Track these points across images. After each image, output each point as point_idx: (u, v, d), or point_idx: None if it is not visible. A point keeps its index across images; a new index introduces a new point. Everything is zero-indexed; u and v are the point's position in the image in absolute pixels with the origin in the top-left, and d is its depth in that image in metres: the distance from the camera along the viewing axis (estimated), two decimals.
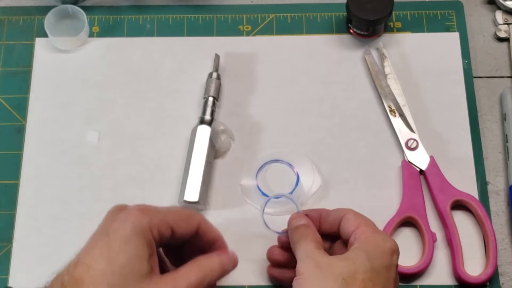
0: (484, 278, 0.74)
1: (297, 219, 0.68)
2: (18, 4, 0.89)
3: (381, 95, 0.83)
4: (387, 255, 0.62)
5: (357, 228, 0.64)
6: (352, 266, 0.59)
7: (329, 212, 0.68)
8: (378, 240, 0.62)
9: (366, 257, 0.60)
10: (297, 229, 0.67)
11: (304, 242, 0.64)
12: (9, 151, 0.81)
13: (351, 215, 0.66)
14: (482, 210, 0.76)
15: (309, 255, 0.62)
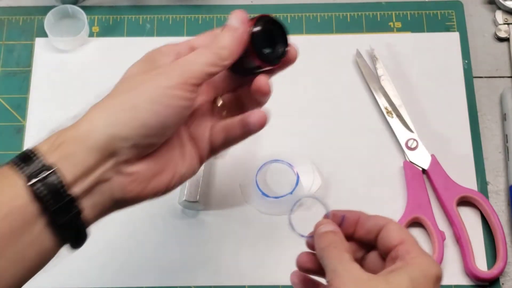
0: (497, 273, 0.74)
1: (325, 225, 0.59)
2: (18, 4, 0.89)
3: (376, 96, 0.83)
4: (431, 283, 0.54)
5: (401, 244, 0.56)
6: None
7: (369, 218, 0.59)
8: (424, 265, 0.54)
9: (410, 283, 0.52)
10: (325, 236, 0.58)
11: (334, 251, 0.56)
12: (9, 151, 0.81)
13: (395, 227, 0.57)
14: (488, 205, 0.77)
15: (345, 267, 0.53)
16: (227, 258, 0.76)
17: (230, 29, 0.56)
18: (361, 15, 0.88)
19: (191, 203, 0.76)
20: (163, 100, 0.52)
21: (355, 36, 0.87)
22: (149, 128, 0.52)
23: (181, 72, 0.53)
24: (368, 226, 0.58)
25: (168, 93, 0.52)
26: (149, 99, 0.52)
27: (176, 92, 0.53)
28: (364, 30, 0.87)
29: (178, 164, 0.57)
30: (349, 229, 0.58)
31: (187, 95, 0.53)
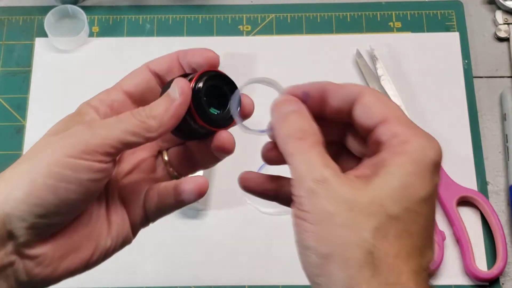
0: (497, 273, 0.74)
1: (285, 104, 0.45)
2: (18, 4, 0.89)
3: None
4: (428, 173, 0.41)
5: (382, 123, 0.42)
6: (384, 215, 0.39)
7: (338, 88, 0.45)
8: (417, 151, 0.41)
9: (400, 188, 0.40)
10: (285, 121, 0.44)
11: (300, 147, 0.42)
12: (9, 151, 0.81)
13: (371, 97, 0.43)
14: (488, 205, 0.77)
15: (313, 174, 0.40)
16: (227, 258, 0.76)
17: (167, 99, 0.46)
18: (361, 15, 0.88)
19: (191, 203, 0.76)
20: (64, 172, 0.43)
21: (355, 36, 0.87)
22: (47, 207, 0.43)
23: (91, 137, 0.44)
24: (337, 101, 0.45)
25: (70, 164, 0.43)
26: (47, 172, 0.43)
27: (80, 162, 0.43)
28: (364, 30, 0.87)
29: (101, 236, 0.47)
30: (315, 108, 0.45)
31: (96, 166, 0.43)
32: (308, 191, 0.40)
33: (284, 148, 0.43)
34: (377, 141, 0.42)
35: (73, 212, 0.45)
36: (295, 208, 0.41)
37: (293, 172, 0.41)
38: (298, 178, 0.41)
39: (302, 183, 0.40)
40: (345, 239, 0.39)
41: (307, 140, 0.42)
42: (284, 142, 0.43)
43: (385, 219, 0.39)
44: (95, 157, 0.43)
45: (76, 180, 0.43)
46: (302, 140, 0.42)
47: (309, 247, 0.40)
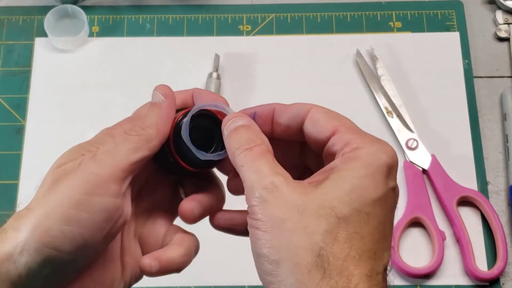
0: (497, 273, 0.74)
1: (233, 120, 0.45)
2: (18, 4, 0.89)
3: (376, 96, 0.83)
4: (381, 175, 0.41)
5: (334, 134, 0.43)
6: (333, 217, 0.39)
7: (286, 108, 0.46)
8: (369, 155, 0.41)
9: (350, 190, 0.40)
10: (234, 135, 0.44)
11: (248, 157, 0.42)
12: (8, 151, 0.81)
13: (320, 113, 0.45)
14: (489, 205, 0.77)
15: (263, 182, 0.40)
16: (227, 258, 0.76)
17: (154, 106, 0.47)
18: (361, 15, 0.88)
19: None
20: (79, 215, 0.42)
21: (355, 36, 0.87)
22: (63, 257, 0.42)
23: (100, 169, 0.43)
24: (286, 120, 0.46)
25: (84, 203, 0.42)
26: (61, 216, 0.41)
27: (94, 200, 0.42)
28: (364, 30, 0.87)
29: (115, 281, 0.46)
30: (265, 128, 0.46)
31: (109, 202, 0.43)
32: (259, 199, 0.40)
33: (235, 162, 0.43)
34: (332, 153, 0.43)
35: (88, 260, 0.44)
36: (248, 218, 0.41)
37: (245, 183, 0.42)
38: (249, 187, 0.41)
39: (253, 192, 0.40)
40: (296, 243, 0.39)
41: (255, 150, 0.42)
42: (234, 156, 0.43)
43: (334, 221, 0.39)
44: (108, 189, 0.42)
45: (92, 223, 0.42)
46: (250, 150, 0.42)
47: (262, 255, 0.40)
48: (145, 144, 0.45)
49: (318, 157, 0.45)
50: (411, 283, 0.75)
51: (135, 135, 0.45)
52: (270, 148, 0.43)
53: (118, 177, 0.43)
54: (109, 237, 0.44)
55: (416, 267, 0.74)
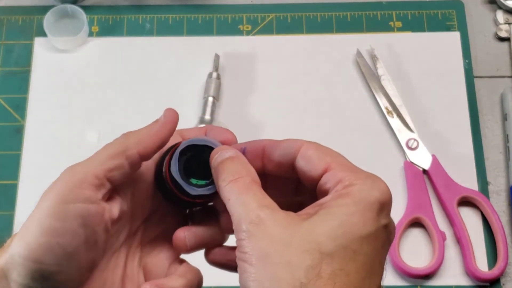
0: (497, 273, 0.74)
1: (219, 153, 0.45)
2: (17, 4, 0.89)
3: (376, 96, 0.83)
4: (372, 213, 0.40)
5: (326, 171, 0.43)
6: (318, 253, 0.38)
7: (277, 144, 0.45)
8: (360, 192, 0.41)
9: (340, 228, 0.39)
10: (220, 167, 0.44)
11: (235, 190, 0.42)
12: (8, 151, 0.81)
13: (311, 149, 0.44)
14: (489, 205, 0.77)
15: (249, 216, 0.40)
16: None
17: (153, 122, 0.47)
18: (361, 15, 0.88)
19: None
20: (54, 224, 0.42)
21: (355, 36, 0.87)
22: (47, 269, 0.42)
23: (72, 177, 0.44)
24: (276, 158, 0.45)
25: (57, 212, 0.42)
26: (38, 229, 0.42)
27: (67, 207, 0.42)
28: (364, 29, 0.87)
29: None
30: (255, 164, 0.45)
31: (81, 208, 0.43)
32: (246, 233, 0.40)
33: (223, 196, 0.43)
34: (325, 190, 0.42)
35: (78, 271, 0.44)
36: (238, 252, 0.41)
37: (232, 217, 0.41)
38: (236, 221, 0.41)
39: (240, 226, 0.40)
40: (279, 277, 0.38)
41: (241, 182, 0.42)
42: (220, 189, 0.43)
43: (318, 257, 0.38)
44: (81, 196, 0.43)
45: (67, 231, 0.42)
46: (236, 182, 0.42)
47: (247, 287, 0.40)
48: (123, 152, 0.44)
49: (313, 193, 0.44)
50: (411, 283, 0.75)
51: (116, 143, 0.45)
52: (257, 178, 0.43)
53: (91, 183, 0.43)
54: (92, 244, 0.44)
55: (416, 267, 0.74)
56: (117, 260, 0.47)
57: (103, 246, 0.45)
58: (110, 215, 0.45)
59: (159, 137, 0.45)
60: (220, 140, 0.47)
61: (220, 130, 0.48)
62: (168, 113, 0.47)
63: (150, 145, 0.45)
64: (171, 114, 0.47)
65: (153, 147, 0.45)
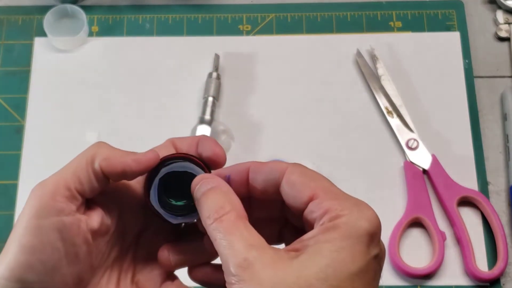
0: (497, 273, 0.74)
1: (202, 183, 0.43)
2: (17, 4, 0.89)
3: (376, 96, 0.83)
4: (361, 245, 0.39)
5: (312, 199, 0.41)
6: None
7: (260, 167, 0.44)
8: (348, 224, 0.40)
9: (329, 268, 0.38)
10: (203, 200, 0.42)
11: (220, 230, 0.40)
12: (8, 151, 0.81)
13: (295, 176, 0.42)
14: (489, 205, 0.77)
15: (236, 260, 0.39)
16: None
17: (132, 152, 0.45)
18: (361, 15, 0.88)
19: None
20: (31, 240, 0.42)
21: (355, 36, 0.87)
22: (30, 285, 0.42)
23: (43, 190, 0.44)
24: (260, 183, 0.44)
25: (31, 227, 0.42)
26: (18, 246, 0.42)
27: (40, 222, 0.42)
28: (364, 29, 0.87)
29: None
30: (241, 189, 0.44)
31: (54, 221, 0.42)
32: (236, 278, 0.39)
33: (209, 233, 0.41)
34: (310, 219, 0.41)
35: (64, 283, 0.43)
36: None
37: (220, 257, 0.40)
38: (225, 263, 0.39)
39: (229, 269, 0.39)
40: None
41: (225, 219, 0.41)
42: (206, 227, 0.41)
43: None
44: (53, 209, 0.42)
45: (45, 246, 0.42)
46: (220, 222, 0.41)
47: None
48: (89, 164, 0.44)
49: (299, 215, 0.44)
50: (411, 283, 0.75)
51: (86, 154, 0.44)
52: (242, 212, 0.41)
53: (63, 195, 0.43)
54: (73, 257, 0.43)
55: (416, 267, 0.74)
56: (110, 277, 0.46)
57: (87, 259, 0.44)
58: (89, 226, 0.44)
59: (125, 165, 0.44)
60: (208, 155, 0.45)
61: (210, 144, 0.46)
62: (148, 154, 0.44)
63: (115, 166, 0.44)
64: (150, 156, 0.44)
65: (116, 171, 0.44)
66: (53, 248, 0.42)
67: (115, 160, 0.43)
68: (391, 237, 0.75)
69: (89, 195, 0.44)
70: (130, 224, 0.47)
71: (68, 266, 0.43)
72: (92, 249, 0.44)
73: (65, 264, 0.43)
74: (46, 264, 0.42)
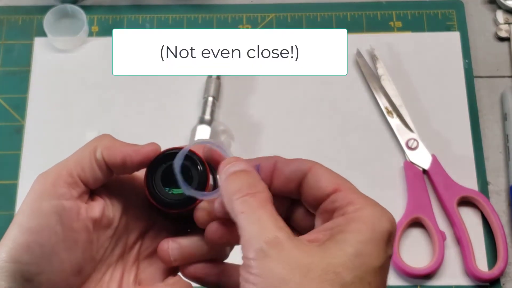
0: (497, 273, 0.74)
1: (233, 163, 0.43)
2: (17, 4, 0.89)
3: (376, 96, 0.83)
4: (383, 242, 0.40)
5: (336, 192, 0.43)
6: (337, 284, 0.38)
7: (288, 162, 0.45)
8: (373, 218, 0.40)
9: (355, 251, 0.39)
10: (234, 178, 0.42)
11: (249, 204, 0.40)
12: (8, 151, 0.81)
13: (324, 170, 0.44)
14: (489, 205, 0.77)
15: (265, 235, 0.38)
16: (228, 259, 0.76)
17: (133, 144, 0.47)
18: (361, 15, 0.88)
19: None
20: (31, 222, 0.43)
21: (355, 36, 0.87)
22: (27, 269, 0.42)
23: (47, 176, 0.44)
24: (287, 173, 0.44)
25: (33, 211, 0.43)
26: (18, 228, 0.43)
27: (42, 205, 0.43)
28: (364, 29, 0.87)
29: None
30: (267, 180, 0.44)
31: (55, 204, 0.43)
32: (259, 253, 0.37)
33: (232, 207, 0.40)
34: (331, 209, 0.42)
35: (60, 273, 0.43)
36: (244, 271, 0.38)
37: (243, 232, 0.39)
38: (249, 238, 0.38)
39: (252, 244, 0.38)
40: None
41: (257, 197, 0.40)
42: (231, 200, 0.40)
43: (338, 287, 0.37)
44: (55, 193, 0.43)
45: (44, 228, 0.42)
46: (252, 197, 0.40)
47: None
48: (92, 153, 0.45)
49: (306, 215, 0.45)
50: (411, 283, 0.75)
51: (90, 145, 0.46)
52: (271, 196, 0.41)
53: (65, 181, 0.44)
54: (72, 243, 0.43)
55: (416, 267, 0.74)
56: (113, 275, 0.46)
57: (87, 248, 0.44)
58: (89, 214, 0.44)
59: (125, 154, 0.45)
60: (211, 155, 0.46)
61: (214, 149, 0.47)
62: (148, 145, 0.45)
63: (115, 155, 0.45)
64: (150, 148, 0.45)
65: (117, 160, 0.45)
66: (51, 230, 0.42)
67: (115, 150, 0.44)
68: None
69: (92, 184, 0.45)
70: (135, 222, 0.47)
71: (66, 251, 0.43)
72: (92, 238, 0.45)
73: (62, 248, 0.43)
74: (44, 246, 0.42)
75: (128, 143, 0.46)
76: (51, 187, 0.43)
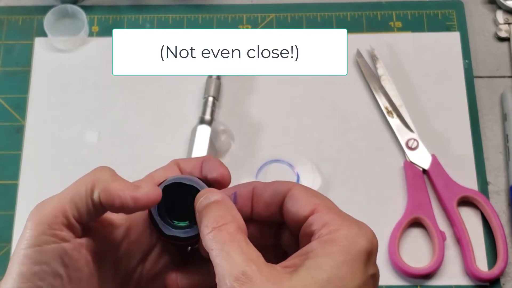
0: (497, 273, 0.74)
1: (206, 195, 0.43)
2: (18, 4, 0.89)
3: (376, 96, 0.83)
4: (359, 262, 0.39)
5: (313, 213, 0.42)
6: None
7: (265, 186, 0.45)
8: (347, 239, 0.40)
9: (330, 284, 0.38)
10: (204, 212, 0.42)
11: (218, 240, 0.40)
12: (8, 151, 0.81)
13: (301, 191, 0.43)
14: (489, 205, 0.77)
15: (233, 271, 0.38)
16: None
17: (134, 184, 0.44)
18: (361, 15, 0.88)
19: None
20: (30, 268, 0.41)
21: (355, 36, 0.87)
22: None
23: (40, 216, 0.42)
24: (266, 198, 0.44)
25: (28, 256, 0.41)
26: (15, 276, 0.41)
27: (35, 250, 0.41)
28: (364, 29, 0.87)
29: None
30: (245, 208, 0.44)
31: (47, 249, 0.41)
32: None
33: (205, 244, 0.40)
34: (309, 233, 0.41)
35: None
36: None
37: (216, 269, 0.39)
38: (220, 276, 0.38)
39: (224, 282, 0.38)
40: None
41: (224, 229, 0.40)
42: (203, 237, 0.40)
43: None
44: (54, 236, 0.41)
45: (47, 273, 0.41)
46: (220, 231, 0.40)
47: None
48: (89, 193, 0.42)
49: (294, 237, 0.44)
50: (411, 283, 0.75)
51: (86, 181, 0.43)
52: (243, 225, 0.41)
53: (62, 223, 0.42)
54: (77, 281, 0.42)
55: (416, 267, 0.74)
56: None
57: (91, 282, 0.43)
58: (90, 248, 0.43)
59: (123, 202, 0.42)
60: (214, 176, 0.45)
61: (215, 164, 0.46)
62: (149, 192, 0.43)
63: (113, 201, 0.42)
64: (150, 196, 0.43)
65: (115, 206, 0.42)
66: (55, 274, 0.41)
67: (114, 194, 0.42)
68: (391, 237, 0.75)
69: (88, 222, 0.43)
70: (136, 245, 0.46)
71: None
72: (94, 271, 0.44)
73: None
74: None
75: (129, 183, 0.43)
76: (48, 230, 0.41)
